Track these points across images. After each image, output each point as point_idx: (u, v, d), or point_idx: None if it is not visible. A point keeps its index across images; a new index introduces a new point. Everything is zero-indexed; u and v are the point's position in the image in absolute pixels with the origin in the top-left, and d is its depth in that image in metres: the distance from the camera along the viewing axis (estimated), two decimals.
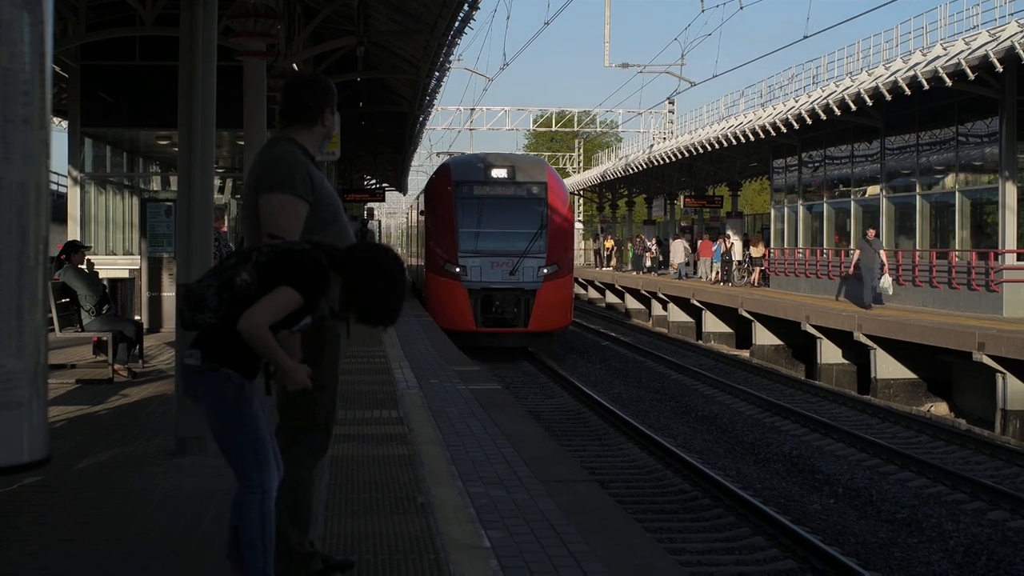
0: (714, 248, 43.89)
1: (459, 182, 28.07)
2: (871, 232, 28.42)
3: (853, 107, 29.65)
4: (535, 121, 74.88)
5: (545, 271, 26.95)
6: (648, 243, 55.44)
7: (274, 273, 4.68)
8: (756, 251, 41.65)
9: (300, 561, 5.24)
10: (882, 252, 27.65)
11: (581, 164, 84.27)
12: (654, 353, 29.64)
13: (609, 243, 64.52)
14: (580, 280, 59.36)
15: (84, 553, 6.08)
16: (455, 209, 27.52)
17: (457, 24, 21.34)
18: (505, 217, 27.57)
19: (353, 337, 5.62)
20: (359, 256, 4.86)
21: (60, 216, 23.41)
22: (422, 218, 31.42)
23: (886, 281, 27.33)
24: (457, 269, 26.86)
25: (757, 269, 40.94)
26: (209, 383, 4.74)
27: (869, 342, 24.99)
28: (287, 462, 5.07)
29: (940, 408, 24.02)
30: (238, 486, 4.85)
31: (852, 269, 28.24)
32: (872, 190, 32.24)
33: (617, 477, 14.50)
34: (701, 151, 44.04)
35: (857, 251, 28.19)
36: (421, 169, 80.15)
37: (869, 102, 28.81)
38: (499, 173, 28.15)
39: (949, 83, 24.85)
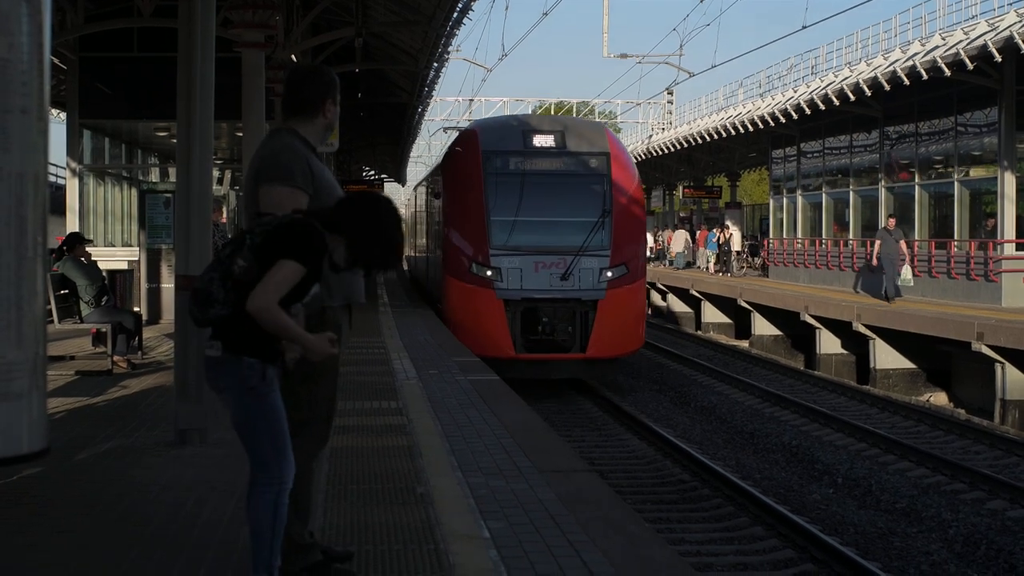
0: (714, 240, 43.90)
1: (490, 153, 21.17)
2: (891, 220, 26.99)
3: (852, 97, 29.63)
4: (534, 111, 74.77)
5: (610, 274, 20.14)
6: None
7: (271, 250, 4.69)
8: None
9: (299, 552, 5.24)
10: (902, 242, 26.43)
11: None
12: (653, 343, 29.65)
13: None
14: None
15: (84, 544, 6.08)
16: (485, 190, 20.67)
17: (456, 14, 21.32)
18: (554, 200, 20.86)
19: (354, 327, 5.61)
20: (349, 209, 4.88)
21: (59, 208, 23.40)
22: (437, 202, 24.53)
23: (907, 273, 26.19)
24: (488, 272, 20.07)
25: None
26: (231, 372, 4.76)
27: (868, 332, 24.99)
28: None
29: (939, 398, 24.05)
30: (253, 477, 4.85)
31: (874, 260, 26.47)
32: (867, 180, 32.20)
33: (616, 467, 14.53)
34: (700, 141, 44.04)
35: (878, 241, 26.59)
36: (420, 160, 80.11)
37: (868, 92, 28.79)
38: (544, 140, 21.43)
39: (948, 73, 24.84)
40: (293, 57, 21.86)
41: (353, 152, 52.87)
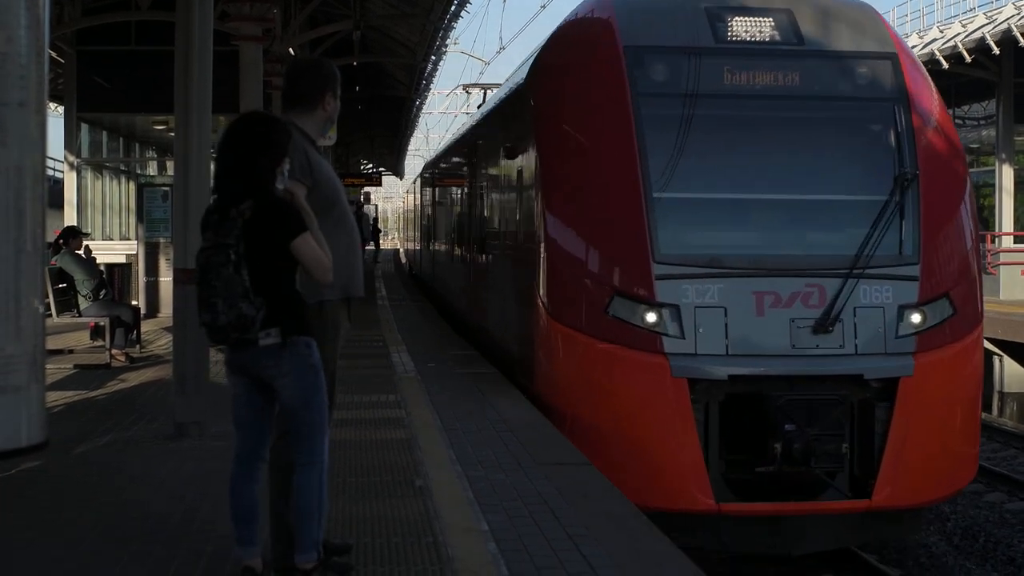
0: None
1: (645, 52, 10.25)
2: None
3: None
4: None
5: (918, 319, 9.48)
6: None
7: (270, 240, 4.79)
8: None
9: None
10: None
11: None
12: None
13: None
14: None
15: (83, 537, 6.08)
16: (638, 134, 9.81)
17: (453, 7, 21.30)
18: (791, 157, 10.43)
19: (353, 320, 5.63)
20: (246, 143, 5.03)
21: (57, 201, 23.39)
22: (506, 165, 12.82)
23: None
24: (650, 316, 9.32)
25: None
26: (293, 355, 4.86)
27: None
28: (287, 446, 5.09)
29: None
30: (300, 458, 4.95)
31: None
32: None
33: None
34: None
35: None
36: (418, 154, 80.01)
37: None
38: (757, 28, 10.38)
39: (946, 66, 24.83)
40: (291, 50, 21.84)
41: (351, 145, 52.86)
